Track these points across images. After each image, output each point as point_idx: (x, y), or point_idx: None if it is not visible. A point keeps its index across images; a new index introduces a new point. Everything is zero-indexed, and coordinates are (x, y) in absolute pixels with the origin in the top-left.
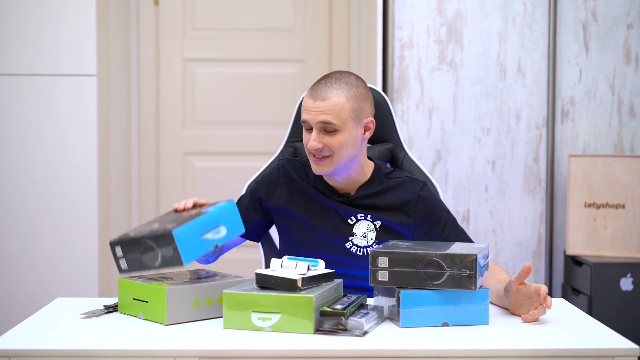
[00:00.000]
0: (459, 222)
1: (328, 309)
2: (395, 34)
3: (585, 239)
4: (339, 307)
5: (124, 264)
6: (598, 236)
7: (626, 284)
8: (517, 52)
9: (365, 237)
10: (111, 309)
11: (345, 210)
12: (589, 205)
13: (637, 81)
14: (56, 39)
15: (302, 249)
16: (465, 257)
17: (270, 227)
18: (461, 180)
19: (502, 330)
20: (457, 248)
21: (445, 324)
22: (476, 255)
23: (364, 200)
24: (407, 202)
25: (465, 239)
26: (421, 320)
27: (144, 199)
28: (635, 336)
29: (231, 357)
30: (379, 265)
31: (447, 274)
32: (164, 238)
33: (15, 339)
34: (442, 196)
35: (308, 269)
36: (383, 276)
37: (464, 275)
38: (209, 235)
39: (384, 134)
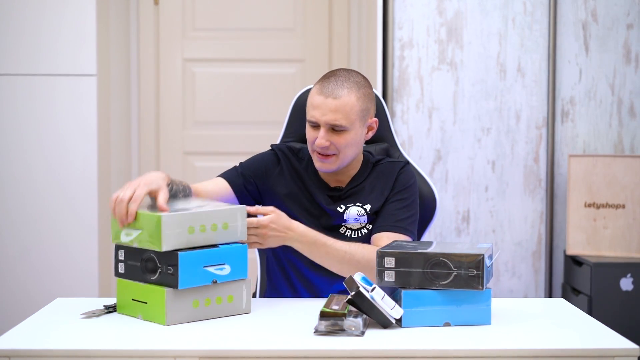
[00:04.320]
0: (459, 222)
1: (327, 310)
2: (395, 34)
3: (585, 239)
4: (335, 307)
5: (122, 268)
6: (598, 236)
7: (626, 284)
8: (517, 52)
9: (357, 220)
10: (111, 309)
11: (337, 201)
12: (589, 205)
13: (637, 81)
14: (56, 39)
15: None
16: (472, 257)
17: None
18: (461, 180)
19: (503, 331)
20: (464, 248)
21: (447, 324)
22: (483, 255)
23: (352, 190)
24: (388, 182)
25: (402, 218)
26: (423, 320)
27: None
28: (635, 336)
29: (231, 357)
30: (386, 266)
31: (454, 274)
32: (169, 257)
33: (15, 339)
34: (442, 196)
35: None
36: (390, 276)
37: (470, 275)
38: (212, 269)
39: (379, 134)
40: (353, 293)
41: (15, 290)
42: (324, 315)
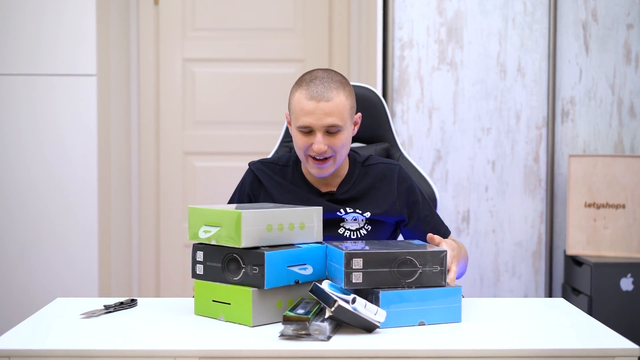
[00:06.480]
0: (459, 222)
1: (291, 314)
2: (395, 34)
3: (585, 239)
4: (301, 311)
5: (200, 269)
6: (598, 236)
7: (626, 284)
8: (517, 52)
9: (355, 220)
10: (111, 309)
11: (333, 205)
12: (589, 205)
13: (637, 81)
14: (55, 39)
15: None
16: (436, 254)
17: None
18: (461, 180)
19: (503, 330)
20: (427, 246)
21: (421, 323)
22: (446, 251)
23: (348, 195)
24: (388, 185)
25: (439, 220)
26: (398, 320)
27: (144, 198)
28: (635, 336)
29: (231, 357)
30: (353, 267)
31: (420, 271)
32: (254, 256)
33: (15, 339)
34: (442, 196)
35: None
36: (357, 278)
37: (435, 271)
38: (295, 269)
39: (379, 134)
40: (333, 309)
41: (15, 290)
42: (287, 320)
